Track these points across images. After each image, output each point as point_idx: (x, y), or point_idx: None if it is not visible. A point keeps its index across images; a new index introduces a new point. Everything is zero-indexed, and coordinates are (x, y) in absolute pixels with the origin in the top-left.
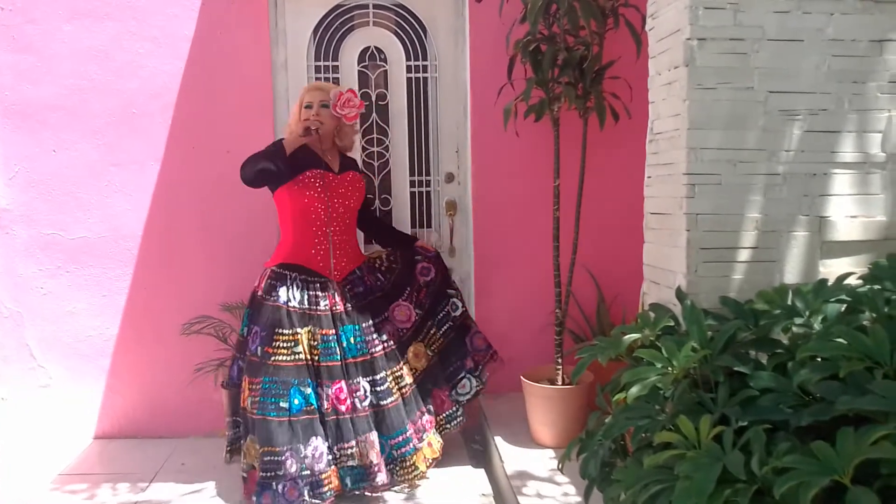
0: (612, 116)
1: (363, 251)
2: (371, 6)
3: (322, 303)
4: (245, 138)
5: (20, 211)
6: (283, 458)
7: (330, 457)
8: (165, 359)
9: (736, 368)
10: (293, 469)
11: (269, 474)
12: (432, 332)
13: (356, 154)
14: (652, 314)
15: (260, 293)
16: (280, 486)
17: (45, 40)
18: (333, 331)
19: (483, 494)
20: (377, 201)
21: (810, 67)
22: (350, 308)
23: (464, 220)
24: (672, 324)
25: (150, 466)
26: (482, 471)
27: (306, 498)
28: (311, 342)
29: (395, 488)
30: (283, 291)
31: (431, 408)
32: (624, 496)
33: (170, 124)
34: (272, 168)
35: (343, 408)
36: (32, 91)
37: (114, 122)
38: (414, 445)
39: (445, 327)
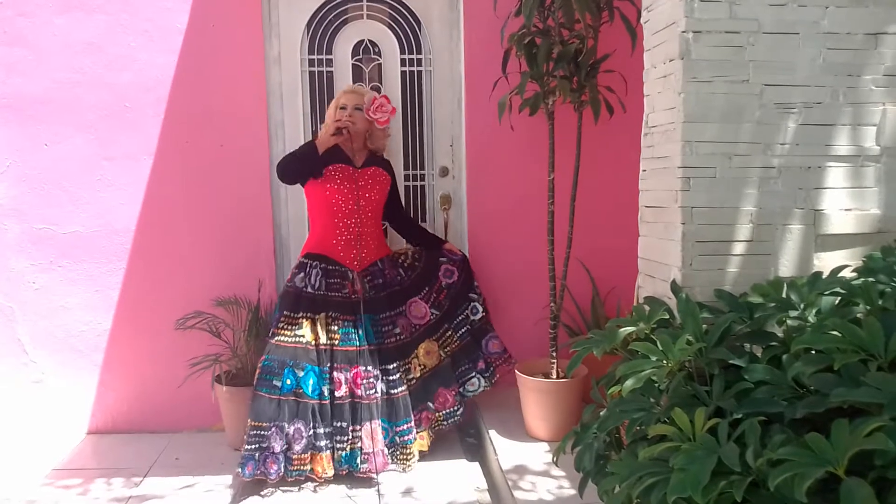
0: (607, 110)
1: (390, 246)
2: None
3: (343, 290)
4: (238, 132)
5: (12, 205)
6: (269, 433)
7: (321, 443)
8: (159, 354)
9: (731, 361)
10: (277, 445)
11: (254, 446)
12: (448, 333)
13: None
14: (647, 307)
15: (287, 282)
16: (262, 457)
17: (37, 33)
18: (353, 317)
19: (478, 488)
20: None
21: (805, 60)
22: (368, 298)
23: (458, 215)
24: (667, 317)
25: (144, 461)
26: (477, 464)
27: (282, 472)
28: (331, 326)
29: (391, 468)
30: (300, 278)
31: (432, 405)
32: (619, 489)
33: (162, 118)
34: (305, 170)
35: (359, 392)
36: (24, 84)
37: (106, 115)
38: (414, 436)
39: (463, 331)
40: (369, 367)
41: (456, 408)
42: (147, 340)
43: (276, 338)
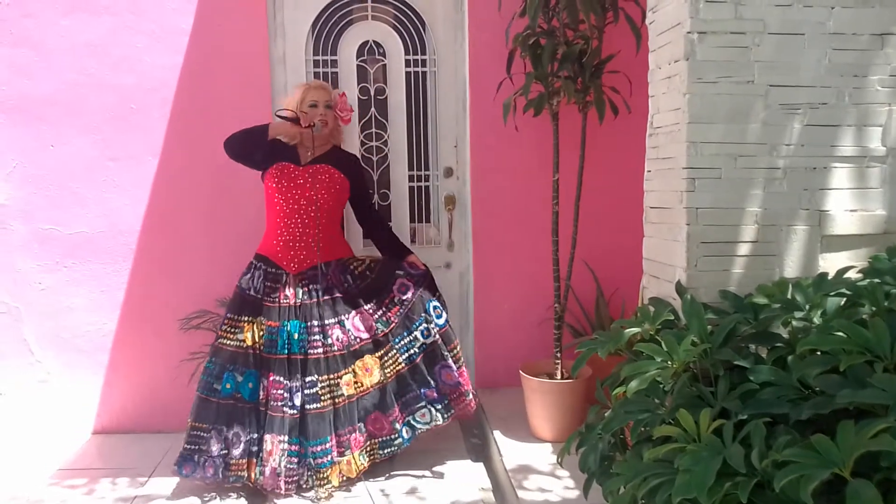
0: (612, 111)
1: (353, 250)
2: (369, 0)
3: (274, 294)
4: None
5: (18, 206)
6: (208, 435)
7: (253, 448)
8: (164, 353)
9: (736, 362)
10: (214, 448)
11: (192, 447)
12: (392, 353)
13: (354, 148)
14: (651, 308)
15: (237, 281)
16: (201, 460)
17: (43, 35)
18: (277, 323)
19: (482, 488)
20: (376, 196)
21: (811, 61)
22: (299, 303)
23: (462, 215)
24: (672, 318)
25: (148, 461)
26: (481, 465)
27: (220, 477)
28: (258, 332)
29: (309, 494)
30: (246, 279)
31: (364, 428)
32: (623, 490)
33: (168, 119)
34: (246, 150)
35: (271, 402)
36: (30, 86)
37: (111, 117)
38: (332, 458)
39: (411, 352)
40: (282, 378)
41: (393, 437)
42: (152, 340)
43: (219, 340)
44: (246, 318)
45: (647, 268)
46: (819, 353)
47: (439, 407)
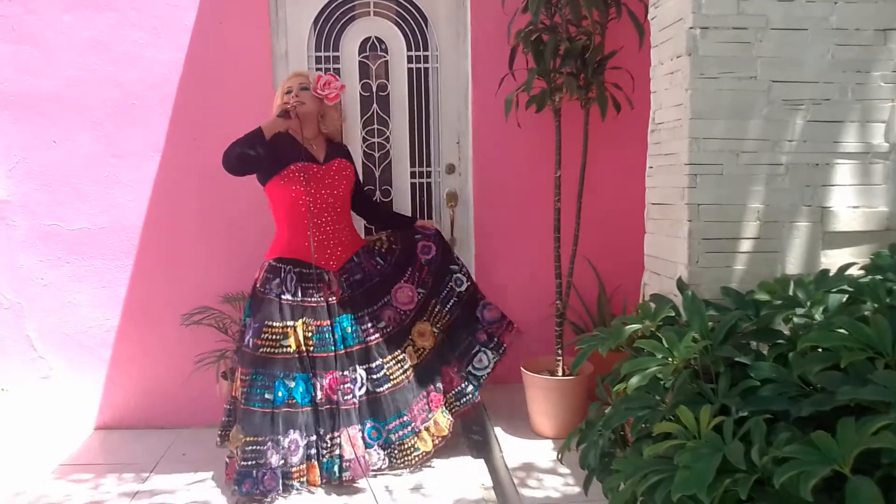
0: (614, 107)
1: (363, 236)
2: None
3: (316, 294)
4: (245, 129)
5: (20, 202)
6: (266, 447)
7: (312, 451)
8: (166, 349)
9: (737, 359)
10: (273, 459)
11: (250, 463)
12: (437, 309)
13: (356, 145)
14: (653, 305)
15: (258, 286)
16: (260, 475)
17: (45, 31)
18: (328, 322)
19: (483, 485)
20: (378, 192)
21: (814, 57)
22: (346, 297)
23: (465, 212)
24: (673, 314)
25: (151, 456)
26: (482, 461)
27: (280, 488)
28: (306, 333)
29: (395, 472)
30: (276, 285)
31: (440, 385)
32: (623, 486)
33: (170, 115)
34: (251, 153)
35: (335, 398)
36: (32, 82)
37: (113, 113)
38: (414, 428)
39: (450, 304)
40: (346, 372)
41: (464, 386)
42: (154, 336)
43: (261, 349)
44: (289, 323)
45: (649, 264)
46: (820, 349)
47: (491, 346)
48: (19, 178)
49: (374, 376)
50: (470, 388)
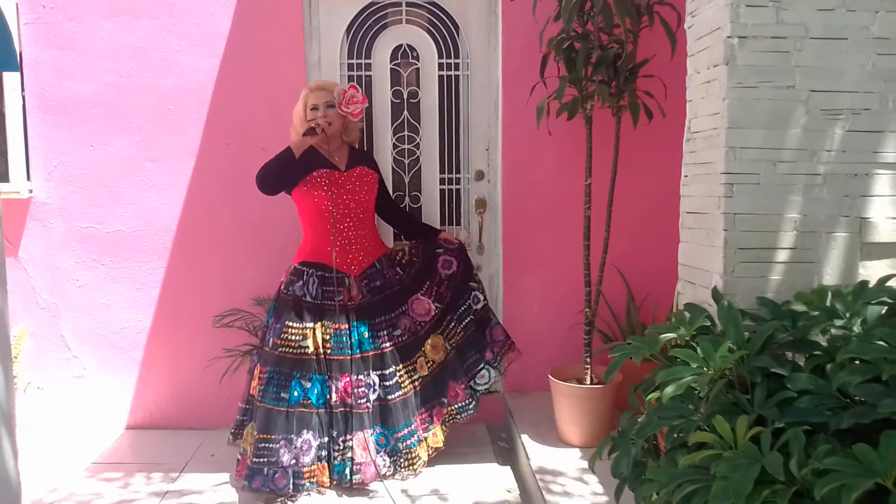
0: (646, 115)
1: (387, 244)
2: (404, 4)
3: (336, 297)
4: (278, 135)
5: (58, 204)
6: (278, 446)
7: (323, 452)
8: (197, 351)
9: (773, 370)
10: (285, 458)
11: (262, 460)
12: (452, 325)
13: (386, 151)
14: (687, 314)
15: (282, 289)
16: (271, 472)
17: (85, 37)
18: (346, 325)
19: (508, 490)
20: (407, 198)
21: (854, 66)
22: (364, 303)
23: (493, 218)
24: (708, 324)
25: (180, 457)
26: (508, 468)
27: (290, 488)
28: (324, 336)
29: (398, 477)
30: (299, 287)
31: (445, 399)
32: (657, 496)
33: (205, 121)
34: (286, 179)
35: (349, 401)
36: (72, 87)
37: (150, 118)
38: (418, 437)
39: (466, 321)
40: (360, 376)
41: (468, 402)
42: (186, 338)
43: (280, 349)
44: (308, 325)
45: (683, 273)
46: (859, 361)
47: (495, 364)
48: (58, 181)
49: (387, 383)
50: (473, 403)
